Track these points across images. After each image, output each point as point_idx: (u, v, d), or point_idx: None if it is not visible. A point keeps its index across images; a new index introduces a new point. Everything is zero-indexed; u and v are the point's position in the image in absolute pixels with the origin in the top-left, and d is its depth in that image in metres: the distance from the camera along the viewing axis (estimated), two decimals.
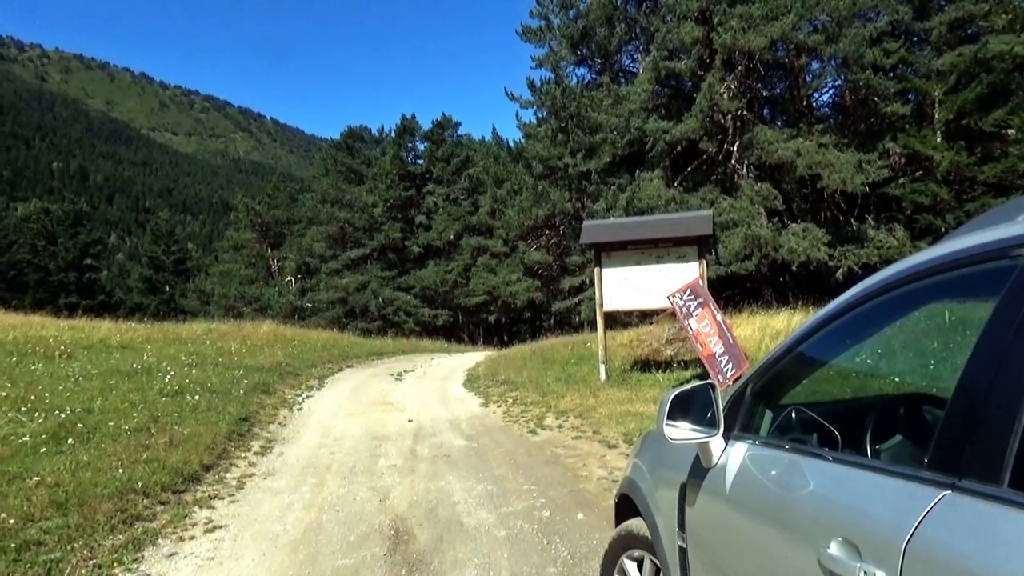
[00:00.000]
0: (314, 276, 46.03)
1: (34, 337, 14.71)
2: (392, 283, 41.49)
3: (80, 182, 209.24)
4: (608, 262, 11.44)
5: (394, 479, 6.56)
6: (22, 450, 6.57)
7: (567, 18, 27.61)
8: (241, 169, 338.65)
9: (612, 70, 27.67)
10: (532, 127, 31.57)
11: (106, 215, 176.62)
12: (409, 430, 8.99)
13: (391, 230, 42.33)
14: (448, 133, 46.30)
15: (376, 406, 10.94)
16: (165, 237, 58.26)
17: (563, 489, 6.00)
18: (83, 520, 5.00)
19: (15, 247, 49.39)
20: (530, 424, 9.04)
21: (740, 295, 20.97)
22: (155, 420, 8.15)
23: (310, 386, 13.04)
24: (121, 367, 11.90)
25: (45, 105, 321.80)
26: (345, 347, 20.87)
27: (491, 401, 11.19)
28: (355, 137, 47.81)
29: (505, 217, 33.33)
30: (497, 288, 37.75)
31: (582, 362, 13.92)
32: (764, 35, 20.30)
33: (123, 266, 75.07)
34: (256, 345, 17.23)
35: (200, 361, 13.41)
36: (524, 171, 32.15)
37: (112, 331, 17.24)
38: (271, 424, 9.37)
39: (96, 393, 9.45)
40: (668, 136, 22.38)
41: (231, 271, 50.57)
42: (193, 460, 6.70)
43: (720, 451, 2.11)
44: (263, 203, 51.78)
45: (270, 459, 7.49)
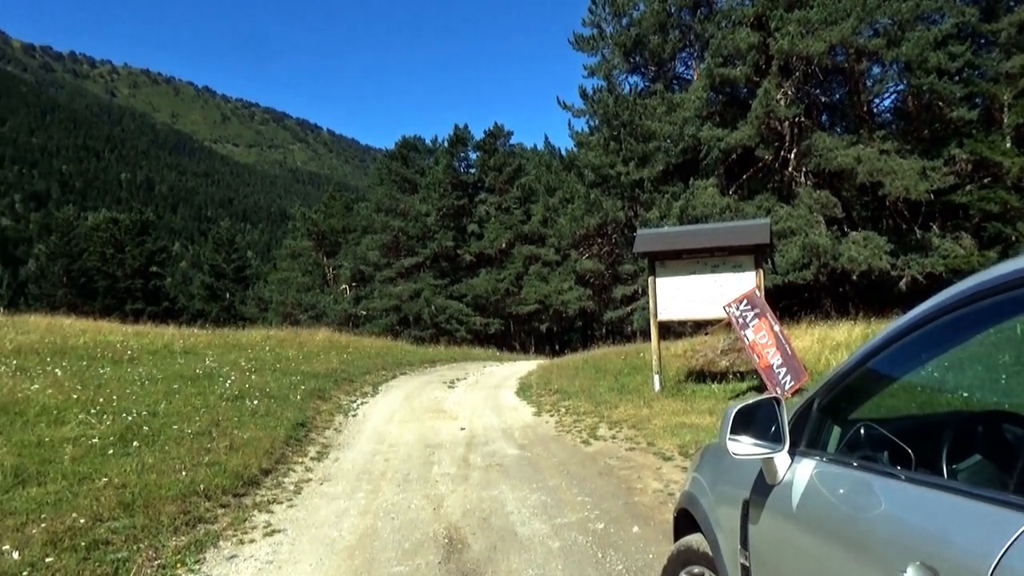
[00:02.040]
0: (368, 284, 46.72)
1: (103, 342, 15.24)
2: (444, 291, 41.82)
3: (146, 192, 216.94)
4: (662, 271, 11.32)
5: (448, 487, 6.59)
6: (92, 451, 6.81)
7: (620, 26, 27.54)
8: (298, 179, 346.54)
9: (665, 77, 27.46)
10: (584, 136, 31.50)
11: (170, 224, 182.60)
12: (462, 438, 9.03)
13: (444, 239, 42.70)
14: (500, 142, 46.54)
15: (429, 414, 11.01)
16: (226, 245, 59.93)
17: (618, 501, 5.94)
18: (148, 521, 5.15)
19: (86, 255, 51.41)
20: (583, 434, 8.98)
21: (798, 305, 20.50)
22: (216, 424, 8.35)
23: (364, 393, 13.20)
24: (184, 372, 12.25)
25: (114, 118, 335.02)
26: (398, 354, 21.09)
27: (544, 410, 11.16)
28: (409, 147, 48.45)
29: (557, 226, 33.29)
30: (549, 297, 37.71)
31: (635, 372, 13.78)
32: (823, 40, 19.89)
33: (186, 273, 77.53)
34: (312, 352, 17.53)
35: (259, 367, 13.71)
36: (576, 180, 32.07)
37: (176, 337, 17.77)
38: (327, 430, 9.52)
39: (160, 397, 9.74)
40: (723, 143, 22.07)
41: (288, 279, 51.73)
42: (252, 464, 6.85)
43: (786, 467, 2.05)
44: (319, 212, 52.86)
45: (326, 464, 7.61)
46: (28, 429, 7.40)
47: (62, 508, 5.20)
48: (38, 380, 9.95)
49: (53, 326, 17.28)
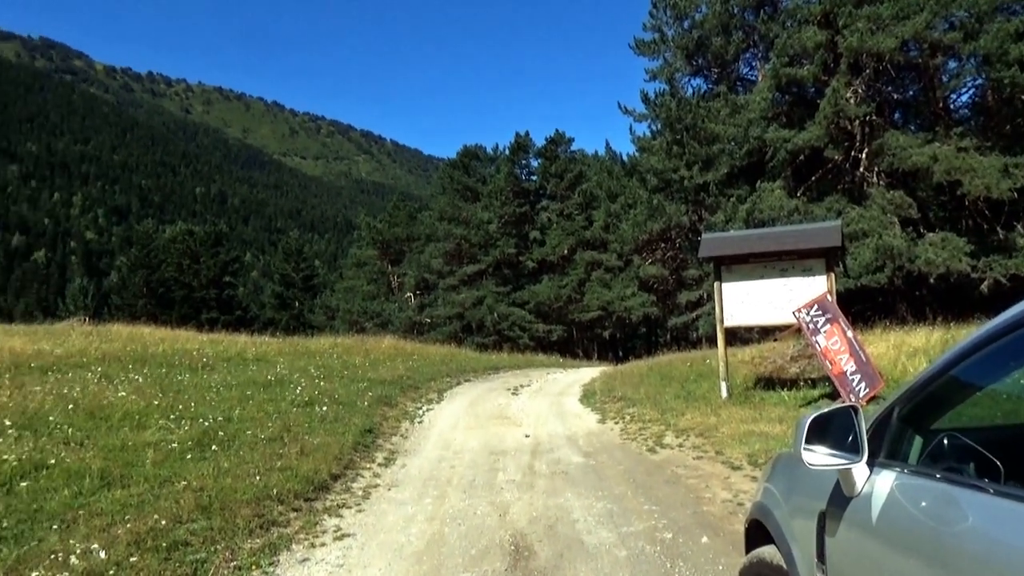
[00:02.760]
0: (432, 292, 47.27)
1: (180, 350, 15.85)
2: (507, 298, 41.97)
3: (219, 205, 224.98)
4: (728, 276, 11.11)
5: (513, 494, 6.60)
6: (171, 455, 7.08)
7: (681, 29, 27.19)
8: (363, 189, 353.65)
9: (729, 79, 26.98)
10: (646, 140, 31.19)
11: (242, 235, 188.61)
12: (527, 445, 9.03)
13: (506, 246, 42.89)
14: (561, 149, 46.53)
15: (494, 420, 11.06)
16: (295, 255, 61.59)
17: (686, 510, 5.84)
18: (225, 523, 5.32)
19: (164, 266, 53.59)
20: (649, 442, 8.88)
21: (872, 310, 19.79)
22: (287, 430, 8.58)
23: (430, 399, 13.35)
24: (257, 379, 12.63)
25: (189, 135, 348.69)
26: (462, 361, 21.27)
27: (608, 417, 11.08)
28: (470, 156, 48.89)
29: (619, 231, 33.05)
30: (612, 303, 37.44)
31: (702, 379, 13.54)
32: (894, 36, 19.21)
33: (257, 283, 79.98)
34: (378, 359, 17.85)
35: (327, 374, 14.03)
36: (638, 185, 31.78)
37: (248, 344, 18.33)
38: (394, 436, 9.66)
39: (235, 403, 10.06)
40: (790, 145, 21.54)
41: (354, 287, 52.79)
42: (322, 469, 7.00)
43: (864, 479, 1.98)
44: (384, 221, 53.80)
45: (393, 470, 7.72)
46: (113, 434, 7.74)
47: (144, 510, 5.42)
48: (122, 387, 10.41)
49: (134, 335, 18.05)
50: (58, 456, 6.49)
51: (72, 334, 16.76)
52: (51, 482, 5.89)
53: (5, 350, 12.72)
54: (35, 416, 8.04)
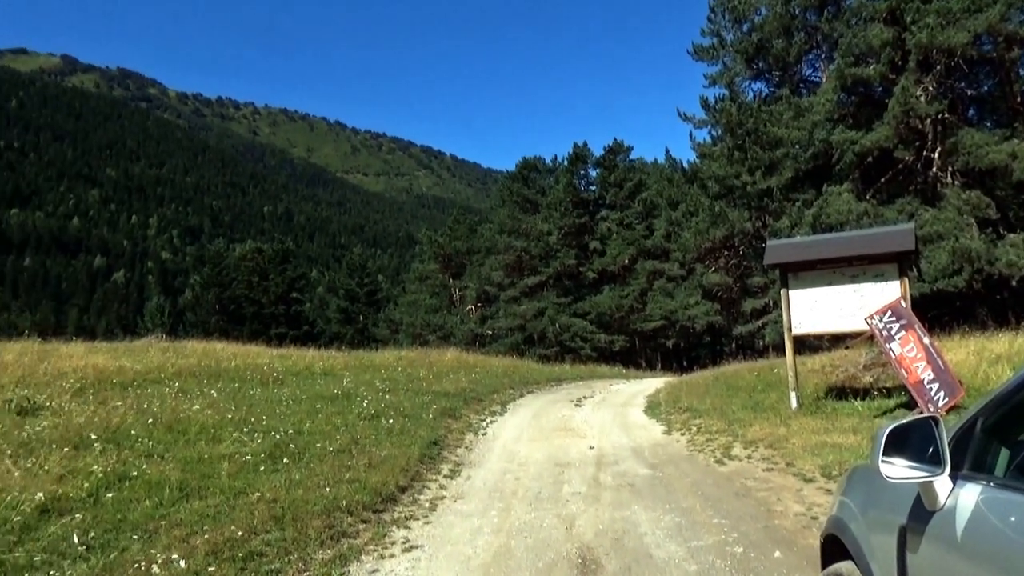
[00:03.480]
0: (493, 304, 47.50)
1: (251, 365, 16.32)
2: (568, 309, 41.85)
3: (286, 223, 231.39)
4: (796, 283, 10.84)
5: (579, 506, 6.56)
6: (245, 467, 7.28)
7: (740, 33, 26.80)
8: (424, 204, 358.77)
9: (792, 82, 26.43)
10: (707, 146, 30.78)
11: (308, 252, 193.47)
12: (591, 457, 8.97)
13: (566, 257, 42.82)
14: (620, 158, 46.28)
15: (557, 432, 11.03)
16: (358, 270, 62.80)
17: (756, 524, 5.71)
18: (297, 534, 5.44)
19: (234, 283, 55.31)
20: (716, 454, 8.71)
21: (949, 315, 18.98)
22: (355, 442, 8.73)
23: (493, 411, 13.40)
24: (325, 392, 12.91)
25: (256, 155, 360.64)
26: (524, 373, 21.28)
27: (674, 428, 10.92)
28: (529, 168, 49.05)
29: (681, 239, 32.63)
30: (675, 312, 36.95)
31: (769, 389, 13.23)
32: (966, 30, 18.50)
33: (323, 298, 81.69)
34: (442, 371, 18.01)
35: (392, 387, 14.23)
36: (699, 192, 31.36)
37: (316, 359, 18.76)
38: (458, 448, 9.73)
39: (304, 416, 10.30)
40: (857, 146, 20.93)
41: (417, 301, 53.43)
42: (390, 481, 7.10)
43: (947, 492, 1.91)
44: (445, 235, 54.38)
45: (459, 482, 7.77)
46: (190, 446, 8.02)
47: (221, 520, 5.60)
48: (197, 401, 10.79)
49: (208, 350, 18.67)
50: (140, 468, 6.76)
51: (150, 351, 17.45)
52: (134, 493, 6.13)
53: (89, 367, 13.32)
54: (118, 430, 8.39)
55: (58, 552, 4.80)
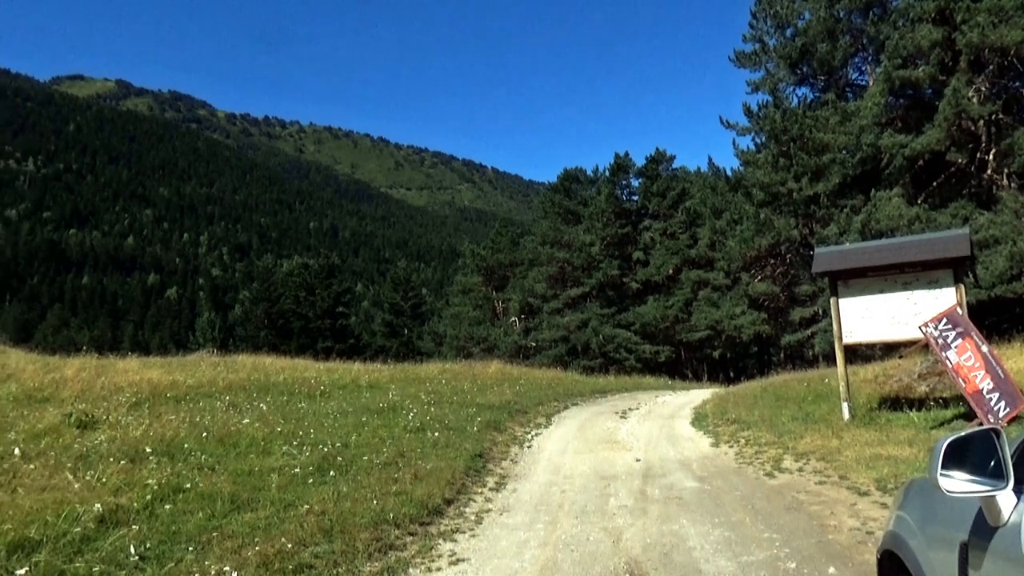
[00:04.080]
0: (536, 316, 47.44)
1: (299, 378, 16.60)
2: (612, 320, 41.59)
3: (331, 238, 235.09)
4: (845, 291, 10.60)
5: (626, 520, 6.49)
6: (294, 480, 7.40)
7: (784, 38, 26.47)
8: (466, 217, 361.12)
9: (837, 86, 25.97)
10: (751, 154, 30.38)
11: (353, 266, 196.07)
12: (638, 470, 8.88)
13: (609, 267, 42.60)
14: (662, 167, 45.97)
15: (603, 444, 10.94)
16: (403, 284, 63.42)
17: (809, 539, 5.57)
18: (345, 547, 5.49)
19: (282, 299, 56.38)
20: (766, 466, 8.54)
21: (1008, 322, 18.34)
22: (401, 455, 8.79)
23: (538, 424, 13.36)
24: (370, 405, 13.04)
25: (302, 173, 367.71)
26: (569, 385, 21.18)
27: (722, 441, 10.74)
28: (571, 179, 49.02)
29: (726, 248, 32.21)
30: (720, 322, 36.41)
31: (820, 400, 12.92)
32: (1020, 27, 17.97)
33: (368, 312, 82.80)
34: (486, 384, 18.04)
35: (437, 399, 14.30)
36: (744, 200, 30.94)
37: (361, 372, 18.98)
38: (503, 461, 9.72)
39: (351, 429, 10.42)
40: (907, 150, 20.44)
41: (461, 313, 53.68)
42: (436, 494, 7.12)
43: (1011, 507, 1.84)
44: (487, 248, 54.59)
45: (504, 495, 7.76)
46: (241, 459, 8.18)
47: (271, 532, 5.68)
48: (247, 414, 11.00)
49: (257, 364, 19.05)
50: (193, 481, 6.91)
51: (202, 365, 17.87)
52: (187, 505, 6.27)
53: (144, 381, 13.71)
54: (172, 443, 8.60)
55: (115, 563, 4.93)
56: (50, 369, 14.41)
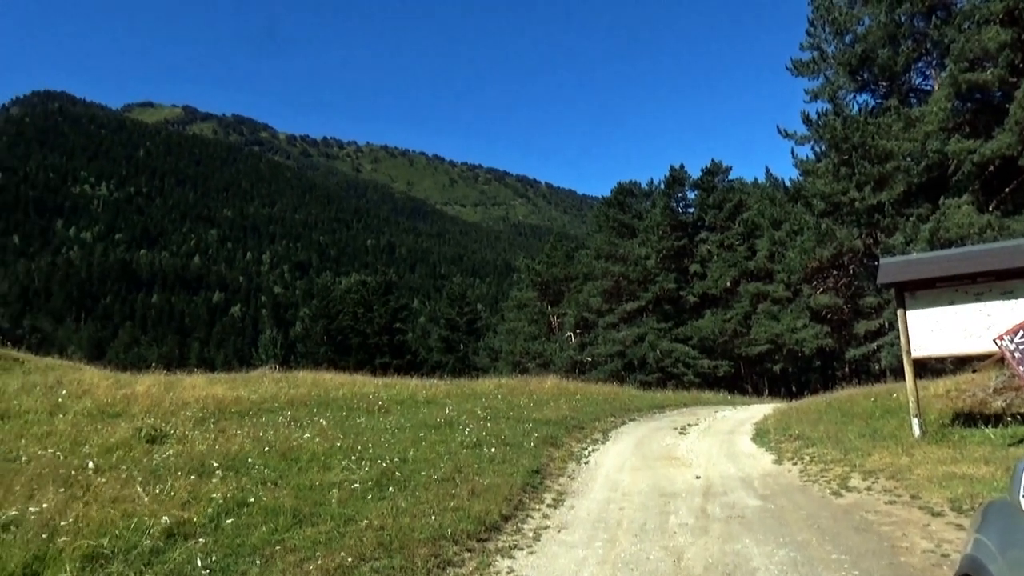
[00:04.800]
0: (592, 330, 47.20)
1: (358, 394, 16.83)
2: (669, 334, 41.08)
3: (388, 255, 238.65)
4: (913, 303, 10.24)
5: (687, 539, 6.37)
6: (354, 495, 7.48)
7: (842, 44, 25.91)
8: (520, 232, 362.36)
9: (900, 92, 25.25)
10: (810, 163, 29.74)
11: (409, 283, 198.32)
12: (698, 487, 8.71)
13: (665, 281, 42.15)
14: (719, 179, 45.43)
15: (662, 461, 10.78)
16: (458, 300, 63.91)
17: (879, 561, 5.37)
18: (404, 562, 5.53)
19: (341, 315, 57.41)
20: (832, 484, 8.27)
21: None
22: (458, 471, 8.81)
23: (595, 439, 13.25)
24: (428, 421, 13.13)
25: (360, 191, 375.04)
26: (626, 400, 20.96)
27: (785, 458, 10.46)
28: (625, 192, 48.83)
29: (785, 260, 31.54)
30: (781, 336, 35.61)
31: (888, 415, 12.47)
32: None
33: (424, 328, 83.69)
34: (542, 399, 17.98)
35: (493, 415, 14.32)
36: (804, 210, 30.28)
37: (418, 388, 19.14)
38: (561, 477, 9.65)
39: (409, 444, 10.50)
40: (977, 156, 19.74)
41: (516, 329, 53.78)
42: (493, 510, 7.11)
43: None
44: (542, 263, 54.66)
45: (562, 512, 7.70)
46: (302, 474, 8.32)
47: (332, 547, 5.76)
48: (308, 429, 11.20)
49: (317, 380, 19.39)
50: (256, 495, 7.06)
51: (264, 381, 18.29)
52: (251, 519, 6.40)
53: (210, 397, 14.10)
54: (236, 457, 8.81)
55: (183, 575, 5.06)
56: (122, 385, 14.94)
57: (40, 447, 8.70)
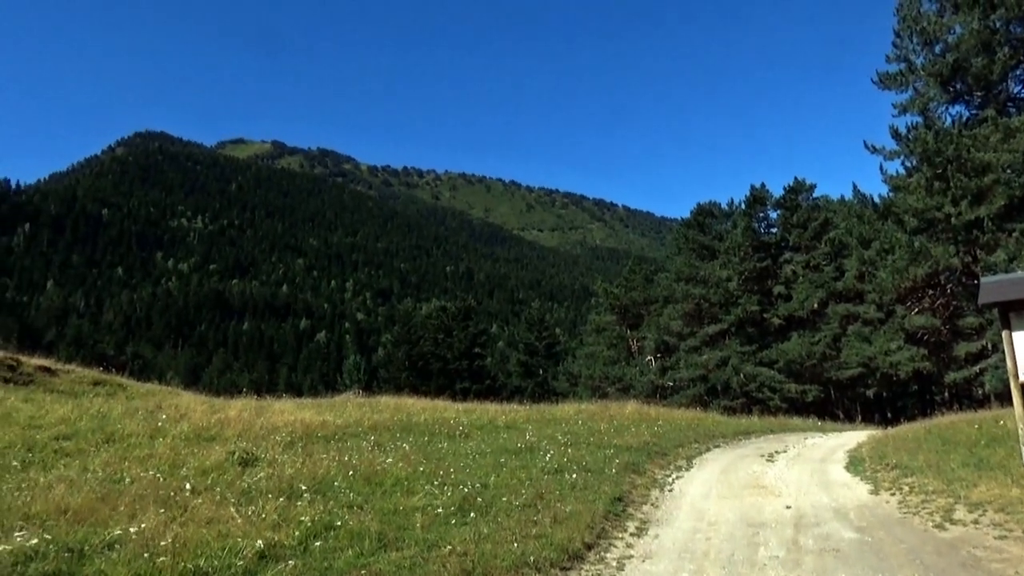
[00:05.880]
0: (673, 354, 46.35)
1: (439, 419, 17.01)
2: (753, 358, 39.90)
3: (467, 281, 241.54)
4: (1019, 323, 9.64)
5: (777, 572, 6.14)
6: (436, 520, 7.54)
7: (932, 55, 24.97)
8: (598, 256, 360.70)
9: (997, 101, 24.07)
10: (900, 179, 28.58)
11: (488, 308, 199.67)
12: (788, 517, 8.39)
13: (748, 303, 41.07)
14: (802, 197, 44.14)
15: (749, 489, 10.44)
16: (537, 324, 63.96)
17: None
18: None
19: (421, 341, 58.34)
20: (935, 517, 7.82)
21: None
22: (540, 497, 8.77)
23: (678, 466, 12.96)
24: (508, 446, 13.14)
25: (439, 218, 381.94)
26: (709, 426, 20.45)
27: (882, 488, 9.96)
28: (705, 213, 48.05)
29: (876, 280, 30.28)
30: (874, 359, 34.05)
31: (995, 444, 11.73)
32: None
33: (503, 353, 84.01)
34: (623, 424, 17.74)
35: (574, 440, 14.20)
36: (895, 227, 29.06)
37: (498, 413, 19.20)
38: (644, 504, 9.48)
39: (490, 470, 10.53)
40: None
41: (595, 353, 53.36)
42: (576, 538, 7.04)
43: None
44: (620, 286, 54.19)
45: (646, 541, 7.55)
46: (386, 498, 8.46)
47: (416, 572, 5.82)
48: (391, 454, 11.39)
49: (400, 405, 19.73)
50: (343, 518, 7.21)
51: (348, 406, 18.72)
52: (338, 542, 6.54)
53: (298, 422, 14.53)
54: (323, 481, 9.03)
55: None
56: (216, 410, 15.57)
57: (142, 469, 9.15)
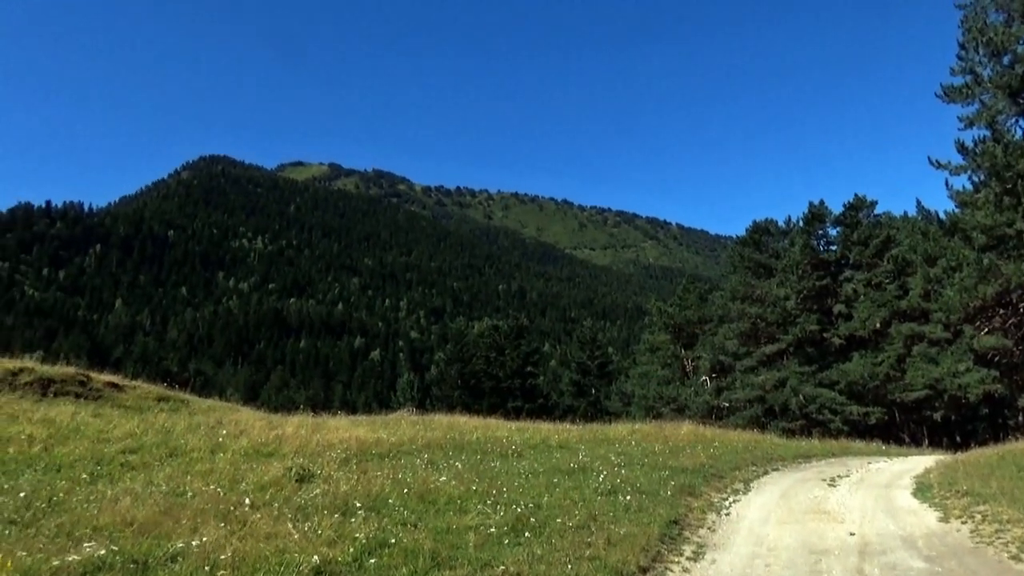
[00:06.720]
0: (729, 374, 45.49)
1: (491, 437, 17.00)
2: (813, 378, 38.84)
3: (519, 300, 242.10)
4: None
5: None
6: (489, 539, 7.51)
7: (1000, 66, 24.12)
8: (651, 275, 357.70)
9: None
10: (967, 194, 27.59)
11: (540, 327, 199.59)
12: (852, 544, 8.10)
13: (807, 322, 40.06)
14: (863, 213, 43.02)
15: (810, 515, 10.12)
16: (589, 343, 63.54)
17: None
18: None
19: (474, 359, 58.53)
20: (1011, 547, 7.46)
21: None
22: (593, 518, 8.66)
23: (735, 490, 12.66)
24: (561, 466, 13.05)
25: (491, 238, 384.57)
26: (767, 448, 19.94)
27: (952, 515, 9.55)
28: (761, 231, 47.22)
29: (943, 298, 29.23)
30: (941, 380, 32.81)
31: None
32: None
33: (555, 372, 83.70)
34: (678, 446, 17.44)
35: (628, 461, 14.02)
36: (962, 244, 28.03)
37: (551, 432, 19.09)
38: (700, 528, 9.28)
39: (543, 490, 10.46)
40: None
41: (648, 372, 52.71)
42: (630, 560, 6.92)
43: None
44: (674, 305, 53.55)
45: (703, 566, 7.38)
46: (439, 516, 8.47)
47: None
48: (444, 472, 11.41)
49: (452, 424, 19.79)
50: (397, 536, 7.24)
51: (402, 424, 18.87)
52: (392, 560, 6.56)
53: (353, 439, 14.69)
54: (377, 498, 9.10)
55: None
56: (273, 426, 15.86)
57: (203, 483, 9.36)
